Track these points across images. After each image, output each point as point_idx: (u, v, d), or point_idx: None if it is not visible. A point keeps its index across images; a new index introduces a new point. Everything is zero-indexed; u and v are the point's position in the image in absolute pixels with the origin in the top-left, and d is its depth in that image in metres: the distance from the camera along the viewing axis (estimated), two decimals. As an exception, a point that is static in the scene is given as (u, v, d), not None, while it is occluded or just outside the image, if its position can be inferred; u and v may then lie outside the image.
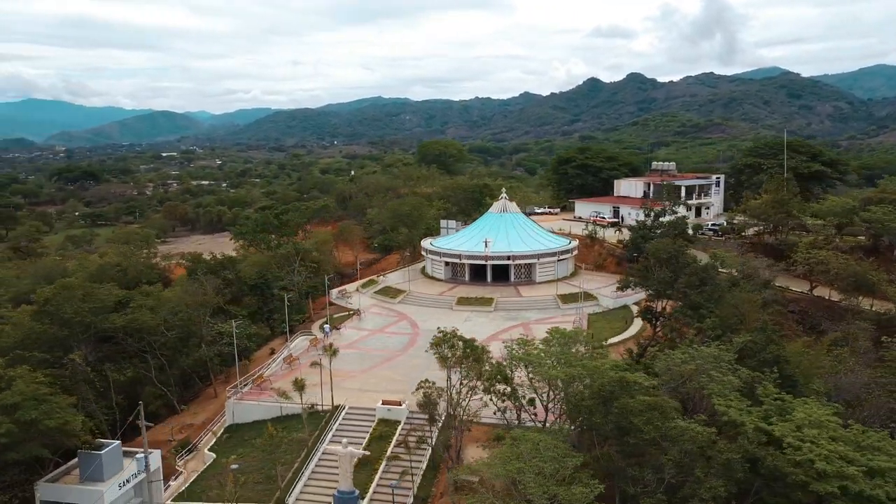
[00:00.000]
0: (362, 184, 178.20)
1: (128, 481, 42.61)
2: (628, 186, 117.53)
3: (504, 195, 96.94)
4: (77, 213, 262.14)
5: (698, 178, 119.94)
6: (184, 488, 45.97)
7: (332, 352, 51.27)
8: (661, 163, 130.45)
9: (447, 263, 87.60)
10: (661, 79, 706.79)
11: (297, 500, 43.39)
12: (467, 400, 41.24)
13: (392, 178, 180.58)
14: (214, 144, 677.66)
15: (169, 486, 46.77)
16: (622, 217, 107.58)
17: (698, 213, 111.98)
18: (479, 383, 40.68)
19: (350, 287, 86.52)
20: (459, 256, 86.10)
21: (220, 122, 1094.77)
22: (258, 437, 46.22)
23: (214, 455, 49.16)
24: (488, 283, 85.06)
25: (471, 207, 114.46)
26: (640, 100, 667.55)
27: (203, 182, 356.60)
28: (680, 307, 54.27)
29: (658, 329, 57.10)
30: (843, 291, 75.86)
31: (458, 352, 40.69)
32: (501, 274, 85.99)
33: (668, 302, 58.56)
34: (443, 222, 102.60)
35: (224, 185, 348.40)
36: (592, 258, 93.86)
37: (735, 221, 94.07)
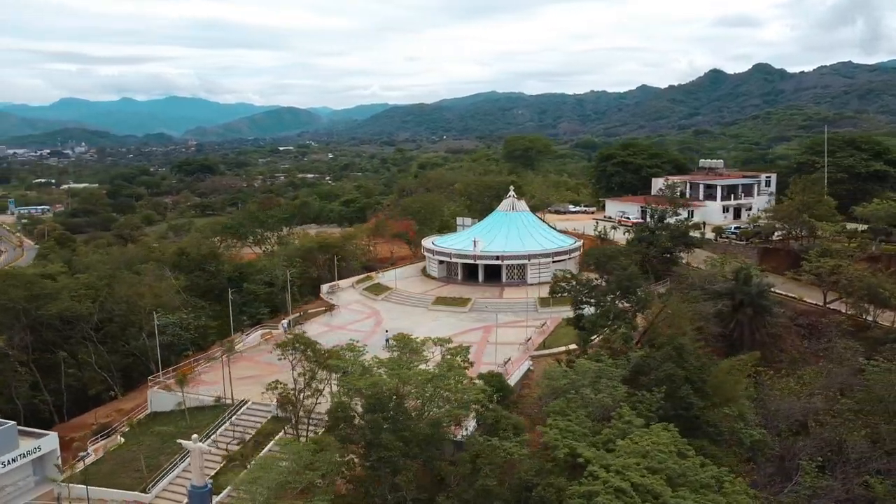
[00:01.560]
0: (424, 178, 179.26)
1: (15, 460, 45.77)
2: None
3: (512, 193, 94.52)
4: (189, 204, 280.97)
5: (745, 177, 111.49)
6: (78, 470, 48.32)
7: (229, 347, 52.18)
8: (708, 160, 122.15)
9: (441, 262, 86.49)
10: (791, 69, 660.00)
11: (163, 490, 44.62)
12: (314, 402, 40.79)
13: (459, 173, 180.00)
14: (331, 139, 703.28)
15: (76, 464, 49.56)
16: None
17: (737, 215, 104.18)
18: (321, 386, 40.13)
19: (344, 283, 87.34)
20: (450, 255, 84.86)
21: (339, 118, 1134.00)
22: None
23: (123, 440, 51.48)
24: (480, 283, 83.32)
25: (496, 205, 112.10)
26: (765, 92, 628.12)
27: (308, 175, 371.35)
28: (595, 315, 50.90)
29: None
30: (856, 305, 68.82)
31: (302, 354, 40.29)
32: (496, 274, 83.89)
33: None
34: (459, 220, 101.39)
35: (328, 178, 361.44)
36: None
37: (759, 224, 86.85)
